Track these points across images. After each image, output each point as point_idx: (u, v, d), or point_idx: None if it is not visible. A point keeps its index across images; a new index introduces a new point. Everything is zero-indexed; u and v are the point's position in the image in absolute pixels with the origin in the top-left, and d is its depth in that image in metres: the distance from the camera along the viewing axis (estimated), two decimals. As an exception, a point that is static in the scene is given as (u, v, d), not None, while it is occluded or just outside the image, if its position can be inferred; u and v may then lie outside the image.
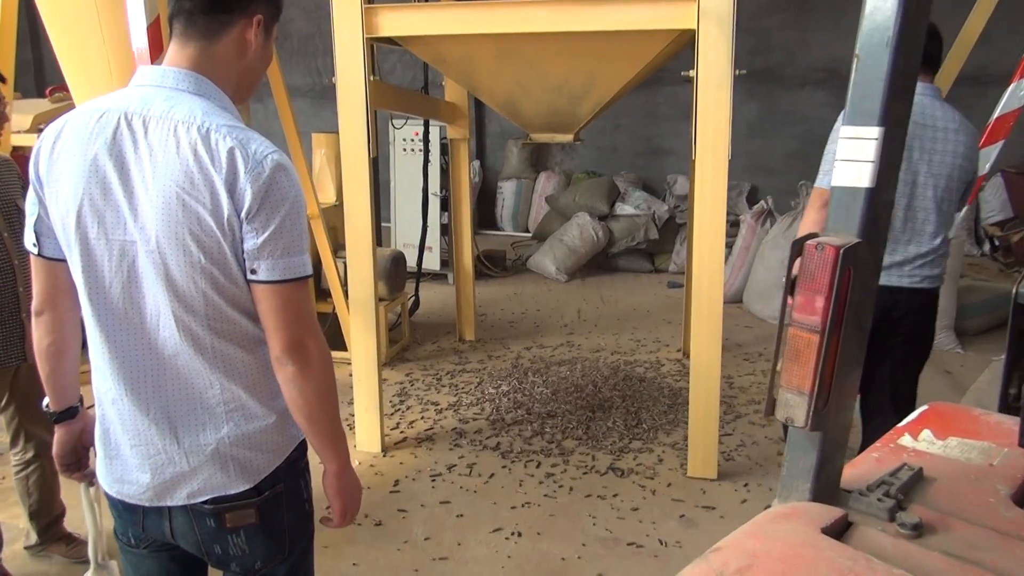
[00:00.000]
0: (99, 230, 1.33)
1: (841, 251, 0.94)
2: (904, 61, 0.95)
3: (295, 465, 1.52)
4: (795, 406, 1.02)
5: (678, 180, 8.46)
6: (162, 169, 1.29)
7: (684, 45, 3.56)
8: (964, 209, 3.77)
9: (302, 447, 1.55)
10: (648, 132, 9.21)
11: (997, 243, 7.44)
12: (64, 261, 1.41)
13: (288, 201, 1.32)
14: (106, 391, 1.42)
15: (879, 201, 1.00)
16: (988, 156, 3.39)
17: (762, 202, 6.50)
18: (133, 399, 1.39)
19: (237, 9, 1.40)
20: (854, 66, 0.99)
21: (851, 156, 0.98)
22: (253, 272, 1.33)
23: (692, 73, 3.15)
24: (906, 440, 1.36)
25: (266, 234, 1.31)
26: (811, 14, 8.57)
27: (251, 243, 1.31)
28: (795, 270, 1.02)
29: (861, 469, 1.24)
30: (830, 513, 1.04)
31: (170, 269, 1.32)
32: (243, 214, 1.29)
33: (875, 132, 0.96)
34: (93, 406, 1.48)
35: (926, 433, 1.38)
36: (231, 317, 1.37)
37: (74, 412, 1.59)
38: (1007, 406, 2.30)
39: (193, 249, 1.30)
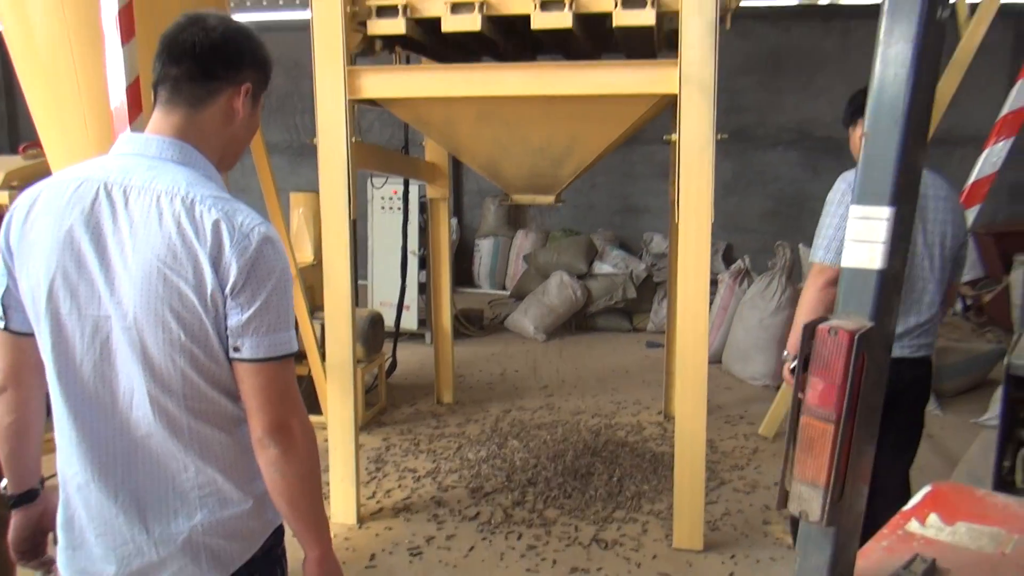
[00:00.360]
0: (71, 304, 1.26)
1: (856, 336, 0.90)
2: (914, 139, 0.93)
3: (271, 553, 1.43)
4: (809, 499, 0.96)
5: (654, 238, 8.51)
6: (143, 242, 1.23)
7: (665, 107, 3.60)
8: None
9: (279, 533, 1.46)
10: (624, 191, 9.30)
11: (969, 303, 7.53)
12: (32, 335, 1.33)
13: (275, 275, 1.27)
14: (72, 475, 1.33)
15: (891, 282, 0.96)
16: (967, 219, 3.43)
17: (739, 261, 6.54)
18: (101, 484, 1.30)
19: (225, 77, 1.36)
20: (863, 144, 0.97)
21: (862, 236, 0.95)
22: (236, 350, 1.26)
23: (674, 136, 3.16)
24: (914, 526, 1.31)
25: (251, 310, 1.24)
26: (782, 76, 8.79)
27: (235, 319, 1.25)
28: (787, 347, 0.98)
29: (872, 561, 1.19)
30: (848, 613, 0.98)
31: (147, 346, 1.25)
32: (228, 289, 1.24)
33: (886, 212, 0.93)
34: (54, 476, 1.38)
35: (933, 518, 1.33)
36: (210, 396, 1.30)
37: (34, 495, 1.49)
38: (1001, 479, 2.27)
39: (173, 326, 1.24)
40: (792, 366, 2.62)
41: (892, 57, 0.92)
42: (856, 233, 0.95)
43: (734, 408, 5.20)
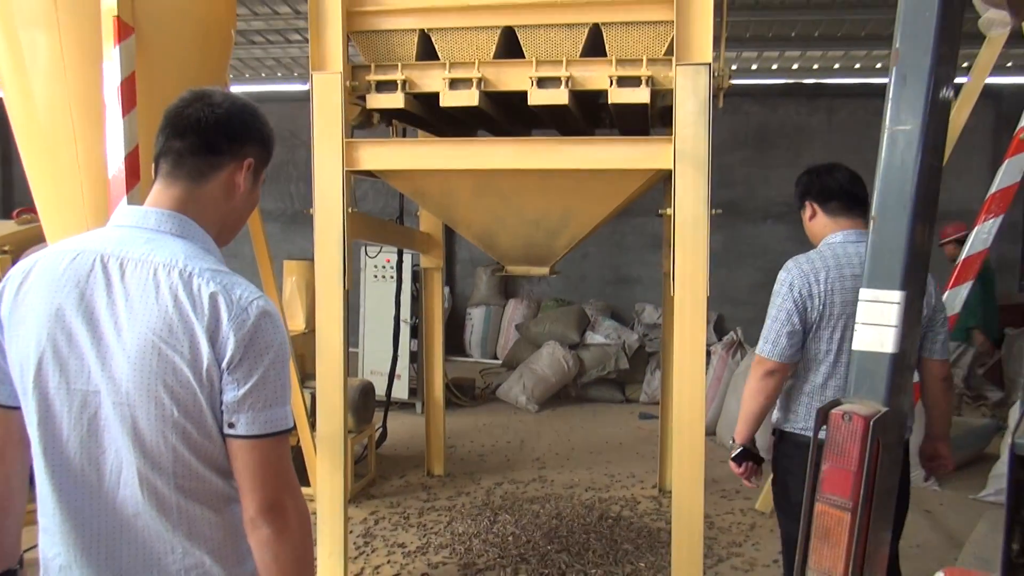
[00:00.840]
0: (60, 379, 1.23)
1: (871, 422, 0.88)
2: (922, 222, 0.93)
3: (259, 639, 1.37)
4: (826, 590, 0.93)
5: (646, 308, 8.54)
6: (138, 315, 1.21)
7: (657, 181, 3.65)
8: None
9: (267, 617, 1.39)
10: (616, 261, 9.38)
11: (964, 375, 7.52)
12: (18, 409, 1.29)
13: (273, 349, 1.24)
14: (54, 556, 1.27)
15: (903, 366, 0.95)
16: (958, 294, 3.45)
17: (732, 333, 6.54)
18: (84, 565, 1.25)
19: (228, 152, 1.36)
20: (871, 227, 0.97)
21: (873, 320, 0.94)
22: (231, 426, 1.23)
23: (668, 211, 3.19)
24: (929, 614, 1.27)
25: (248, 385, 1.22)
26: (770, 152, 8.99)
27: (231, 395, 1.22)
28: (735, 435, 0.95)
29: (889, 652, 1.14)
30: None
31: (138, 422, 1.21)
32: (224, 364, 1.21)
33: (897, 296, 0.93)
34: (33, 547, 1.32)
35: (949, 606, 1.29)
36: (201, 474, 1.25)
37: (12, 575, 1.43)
38: (1010, 562, 2.21)
39: (166, 401, 1.21)
40: (735, 455, 2.64)
41: (898, 139, 0.92)
42: (867, 316, 0.94)
43: (730, 482, 5.10)
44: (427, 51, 3.25)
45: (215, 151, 1.35)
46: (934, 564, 3.70)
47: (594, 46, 3.14)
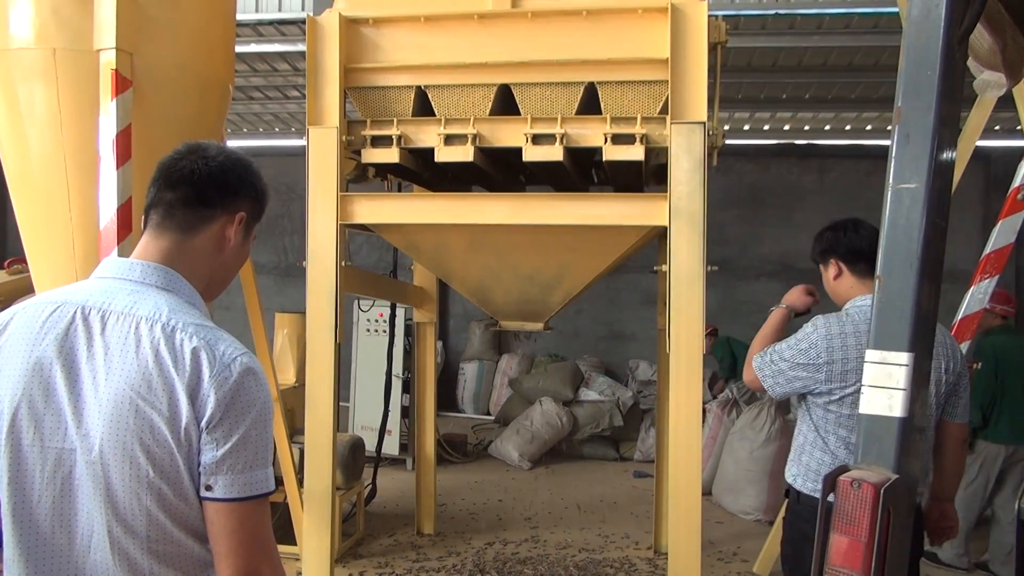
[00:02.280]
0: (35, 436, 1.18)
1: (881, 490, 0.84)
2: (929, 282, 0.91)
3: None
4: (837, 671, 0.87)
5: (640, 365, 8.47)
6: (117, 370, 1.17)
7: (652, 238, 3.64)
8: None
9: None
10: (610, 317, 9.36)
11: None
12: None
13: (255, 408, 1.20)
14: (19, 624, 1.21)
15: (913, 430, 0.91)
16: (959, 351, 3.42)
17: (727, 391, 6.48)
18: (49, 634, 1.18)
19: (220, 205, 1.34)
20: (876, 287, 0.94)
21: (880, 383, 0.90)
22: (208, 488, 1.18)
23: (663, 267, 3.18)
24: None
25: (227, 446, 1.17)
26: (763, 210, 9.06)
27: (209, 456, 1.17)
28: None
29: None
30: None
31: (112, 483, 1.16)
32: (203, 423, 1.16)
33: (904, 358, 0.90)
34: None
35: None
36: (176, 539, 1.20)
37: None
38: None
39: (141, 461, 1.16)
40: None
41: (903, 197, 0.90)
42: (873, 378, 0.91)
43: (726, 544, 5.00)
44: (423, 107, 3.28)
45: (207, 203, 1.33)
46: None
47: (589, 103, 3.17)
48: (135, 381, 1.16)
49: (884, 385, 0.90)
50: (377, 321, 6.70)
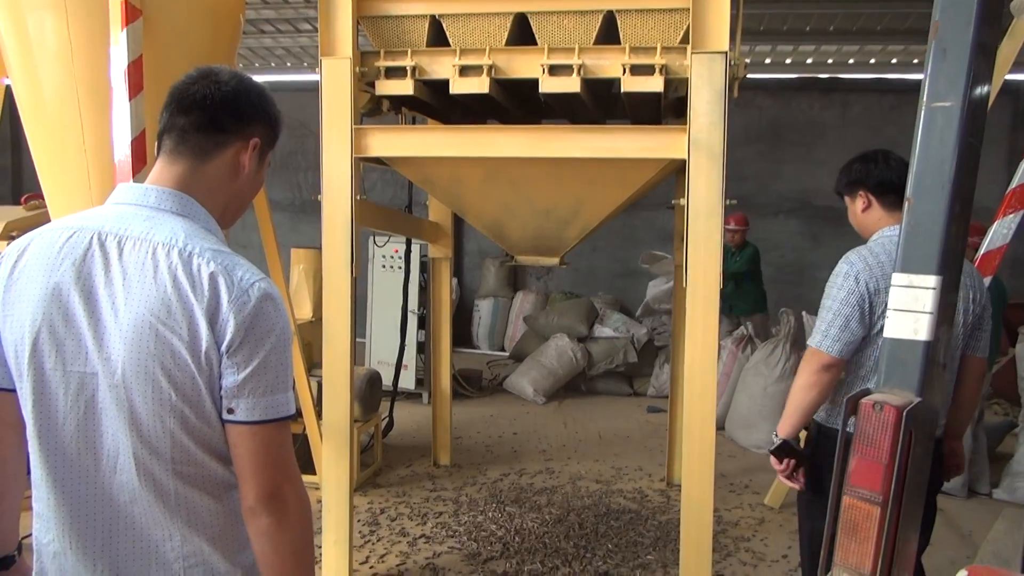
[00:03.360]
0: (56, 360, 1.19)
1: (904, 413, 0.84)
2: (961, 204, 0.88)
3: (259, 628, 1.33)
4: (853, 589, 0.88)
5: (655, 302, 8.46)
6: (136, 295, 1.17)
7: (670, 173, 3.59)
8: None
9: (267, 607, 1.36)
10: (625, 255, 9.31)
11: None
12: (13, 392, 1.25)
13: (274, 334, 1.20)
14: (48, 543, 1.24)
15: (937, 354, 0.90)
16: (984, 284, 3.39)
17: (742, 328, 6.48)
18: (78, 553, 1.21)
19: (234, 130, 1.32)
20: (905, 209, 0.92)
21: (906, 306, 0.89)
22: (230, 412, 1.19)
23: (682, 201, 3.13)
24: (954, 615, 1.22)
25: (248, 370, 1.18)
26: (782, 146, 8.90)
27: (230, 380, 1.18)
28: (778, 430, 0.90)
29: (913, 653, 1.09)
30: None
31: (135, 406, 1.18)
32: (224, 347, 1.17)
33: (932, 281, 0.88)
34: (29, 535, 1.29)
35: (974, 606, 1.24)
36: (199, 460, 1.22)
37: (9, 562, 1.39)
38: (1032, 561, 2.16)
39: (163, 385, 1.17)
40: (776, 448, 2.45)
41: (937, 116, 0.87)
42: (899, 302, 0.89)
43: (738, 477, 5.07)
44: (438, 37, 3.20)
45: (220, 129, 1.31)
46: (946, 562, 3.65)
47: (607, 33, 3.09)
48: (154, 306, 1.16)
49: (910, 309, 0.89)
50: (392, 257, 6.72)
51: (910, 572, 1.00)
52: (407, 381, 6.55)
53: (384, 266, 6.86)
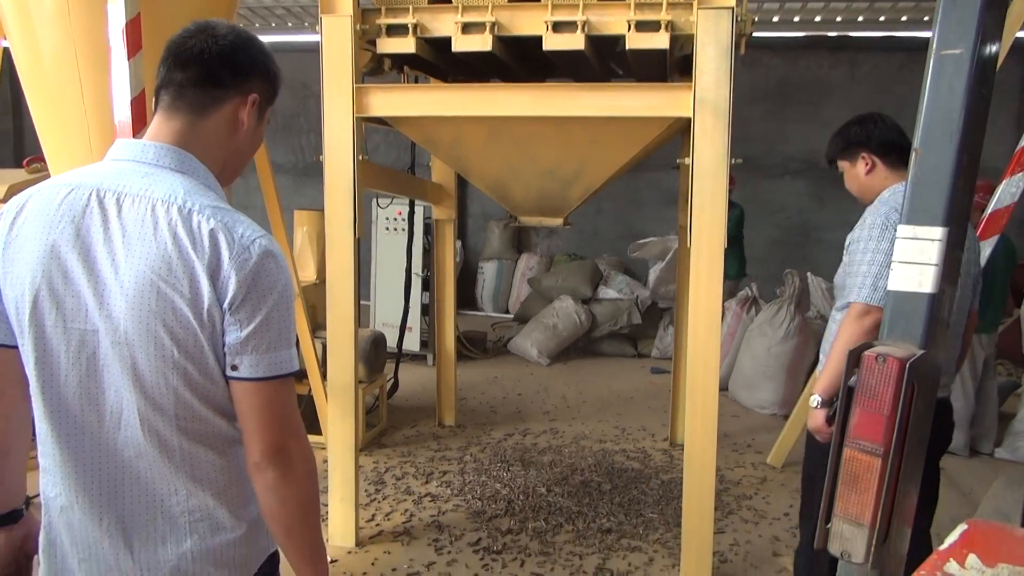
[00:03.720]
0: (56, 317, 1.19)
1: (907, 365, 0.83)
2: (969, 156, 0.87)
3: (265, 582, 1.35)
4: (852, 539, 0.89)
5: (660, 264, 8.44)
6: (136, 252, 1.17)
7: (676, 133, 3.56)
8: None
9: (273, 560, 1.38)
10: (629, 217, 9.27)
11: (978, 335, 7.44)
12: (15, 348, 1.26)
13: (276, 290, 1.20)
14: (54, 497, 1.25)
15: (942, 307, 0.90)
16: (982, 251, 3.37)
17: (747, 289, 6.47)
18: (85, 507, 1.23)
19: (233, 85, 1.30)
20: (912, 160, 0.90)
21: (911, 258, 0.88)
22: (234, 368, 1.19)
23: (686, 160, 3.11)
24: (953, 567, 1.23)
25: (251, 327, 1.18)
26: (789, 106, 8.79)
27: (233, 336, 1.18)
28: (818, 390, 0.90)
29: (911, 604, 1.10)
30: (893, 666, 0.90)
31: (138, 363, 1.18)
32: (226, 304, 1.17)
33: (938, 233, 0.87)
34: (38, 496, 1.30)
35: (973, 559, 1.25)
36: (203, 416, 1.22)
37: (17, 516, 1.41)
38: (1031, 517, 2.18)
39: (166, 342, 1.17)
40: (827, 412, 2.30)
41: (946, 64, 0.85)
42: (905, 254, 0.89)
43: (741, 436, 5.10)
44: (440, -7, 3.15)
45: (218, 84, 1.29)
46: (947, 520, 3.68)
47: (612, -12, 3.04)
48: (155, 263, 1.16)
49: (915, 261, 0.88)
50: (396, 220, 6.70)
51: (909, 525, 1.01)
52: (411, 343, 6.57)
53: (388, 228, 6.84)
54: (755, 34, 3.54)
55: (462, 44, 3.11)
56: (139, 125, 2.93)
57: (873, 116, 2.50)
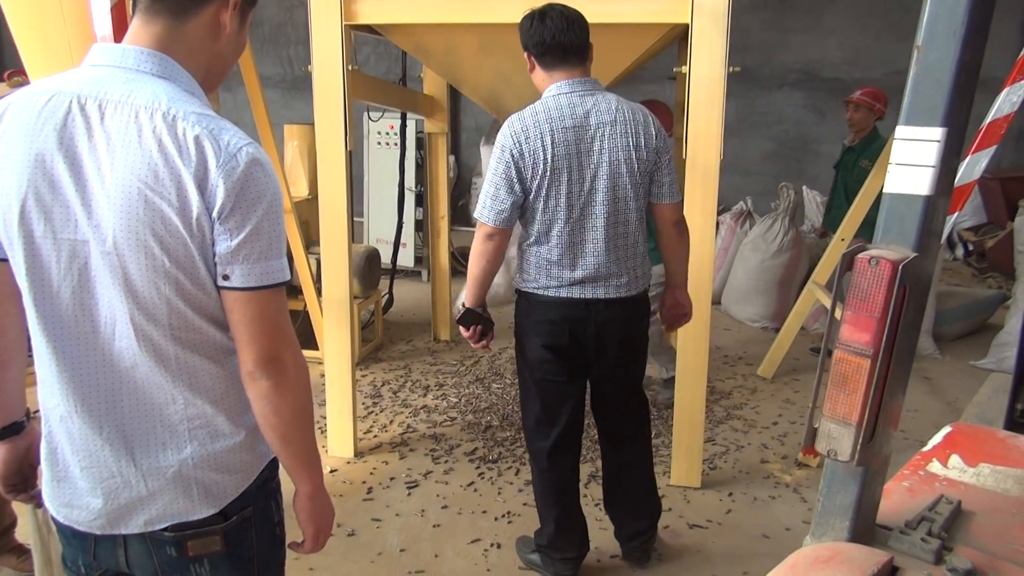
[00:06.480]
0: (46, 228, 1.18)
1: (900, 267, 0.83)
2: (971, 54, 0.84)
3: (266, 486, 1.38)
4: (839, 438, 0.91)
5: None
6: (121, 161, 1.14)
7: (672, 40, 3.46)
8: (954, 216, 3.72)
9: (273, 465, 1.41)
10: (625, 130, 9.13)
11: (971, 248, 7.48)
12: (6, 261, 1.25)
13: (266, 199, 1.18)
14: (54, 407, 1.26)
15: (936, 210, 0.89)
16: (979, 161, 3.33)
17: (741, 203, 6.44)
18: (84, 416, 1.24)
19: None
20: (914, 59, 0.88)
21: (908, 160, 0.87)
22: (225, 278, 1.19)
23: (683, 69, 3.04)
24: (936, 467, 1.27)
25: (241, 236, 1.16)
26: (790, 14, 8.55)
27: (224, 246, 1.17)
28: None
29: (894, 501, 1.14)
30: (875, 557, 0.93)
31: (129, 273, 1.17)
32: (215, 213, 1.15)
33: (937, 133, 0.85)
34: (38, 411, 1.32)
35: (955, 459, 1.29)
36: (197, 326, 1.22)
37: (19, 427, 1.43)
38: (1013, 422, 2.23)
39: (156, 251, 1.16)
40: (460, 316, 2.60)
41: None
42: (901, 156, 0.87)
43: (732, 349, 5.18)
44: None
45: None
46: (930, 427, 3.78)
47: None
48: (141, 172, 1.14)
49: (912, 163, 0.87)
50: (388, 134, 6.59)
51: (895, 426, 1.03)
52: (406, 259, 6.57)
53: (380, 143, 6.74)
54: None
55: (452, -53, 3.00)
56: (120, 34, 2.84)
57: (537, 12, 2.46)
